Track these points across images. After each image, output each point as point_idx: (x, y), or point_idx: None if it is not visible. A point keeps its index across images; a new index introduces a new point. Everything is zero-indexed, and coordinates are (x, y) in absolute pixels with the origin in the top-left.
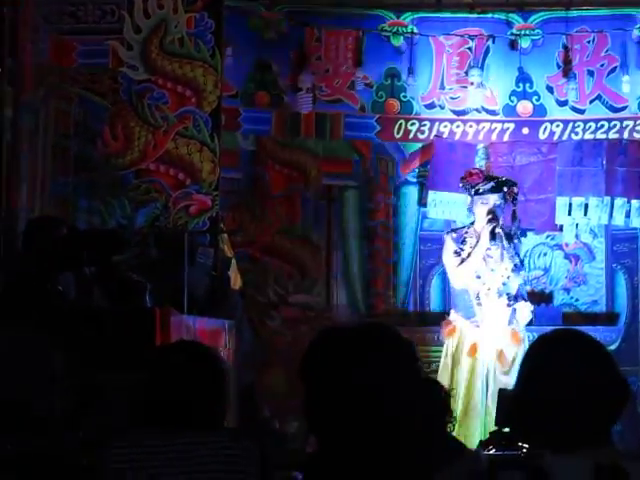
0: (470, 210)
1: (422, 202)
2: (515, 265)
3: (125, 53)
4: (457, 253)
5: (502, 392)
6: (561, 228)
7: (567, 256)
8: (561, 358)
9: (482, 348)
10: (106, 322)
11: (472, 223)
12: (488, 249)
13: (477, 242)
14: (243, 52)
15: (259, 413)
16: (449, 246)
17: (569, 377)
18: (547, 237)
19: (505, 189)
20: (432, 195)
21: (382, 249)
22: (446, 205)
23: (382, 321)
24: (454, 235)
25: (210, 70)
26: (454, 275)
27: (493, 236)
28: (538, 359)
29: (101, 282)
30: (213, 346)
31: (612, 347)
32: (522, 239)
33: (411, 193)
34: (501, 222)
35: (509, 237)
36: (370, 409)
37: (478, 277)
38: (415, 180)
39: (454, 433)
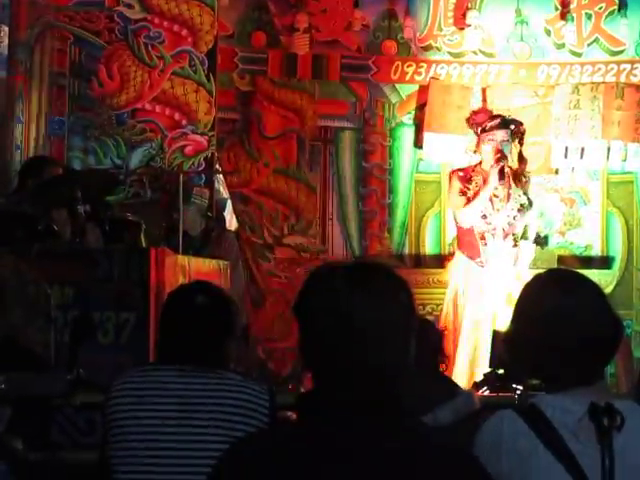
0: (475, 152)
1: (418, 144)
2: (522, 205)
3: None
4: (463, 193)
5: (496, 334)
6: (557, 171)
7: (563, 199)
8: (555, 298)
9: (488, 289)
10: (100, 261)
11: (480, 163)
12: (495, 188)
13: (484, 181)
14: None
15: (253, 354)
16: (455, 185)
17: (563, 317)
18: (543, 180)
19: (512, 127)
20: (428, 137)
21: (377, 191)
22: (442, 147)
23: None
24: (460, 174)
25: (206, 10)
26: (460, 215)
27: (502, 175)
28: (532, 299)
29: (96, 221)
30: None
31: (606, 290)
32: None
33: (407, 135)
34: (509, 160)
35: (516, 177)
36: (365, 345)
37: (484, 217)
38: (411, 122)
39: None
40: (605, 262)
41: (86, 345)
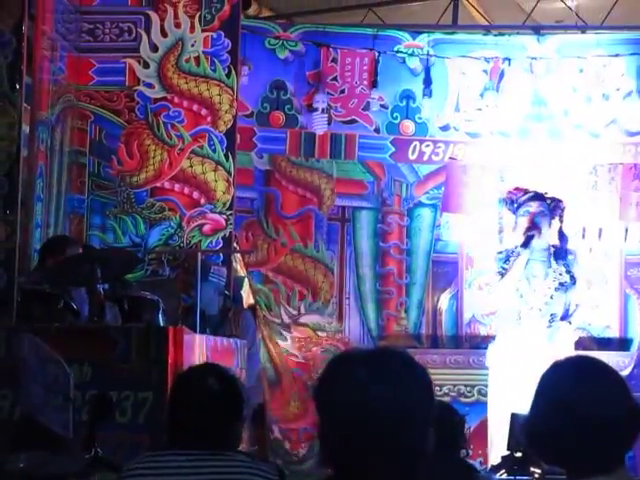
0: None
1: (436, 224)
2: (561, 284)
3: (142, 71)
4: (500, 273)
5: (514, 417)
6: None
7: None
8: (573, 384)
9: (519, 369)
10: (119, 340)
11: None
12: (532, 268)
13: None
14: (259, 72)
15: (269, 434)
16: (494, 267)
17: (580, 403)
18: None
19: (548, 201)
20: (446, 217)
21: (395, 270)
22: (460, 228)
23: (395, 345)
24: (500, 256)
25: (226, 89)
26: (496, 293)
27: (527, 244)
28: (551, 385)
29: (114, 300)
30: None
31: (624, 373)
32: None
33: (425, 215)
34: (543, 233)
35: (557, 255)
36: (387, 438)
37: (520, 296)
38: (429, 202)
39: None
40: (623, 344)
41: (104, 424)
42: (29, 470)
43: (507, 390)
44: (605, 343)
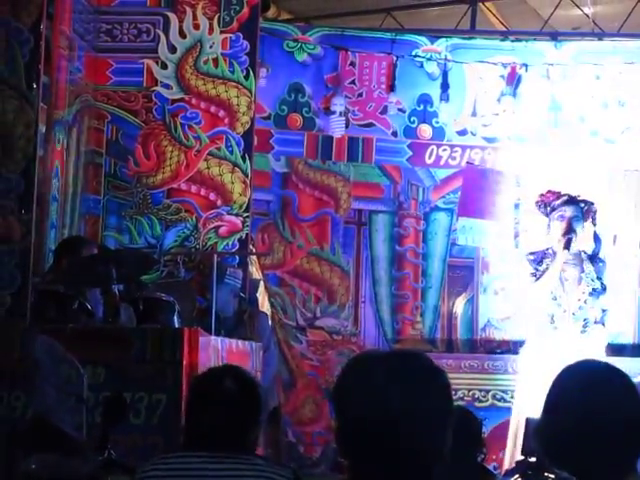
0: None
1: (452, 228)
2: (594, 289)
3: (160, 72)
4: (533, 274)
5: (528, 421)
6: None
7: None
8: (585, 389)
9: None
10: (133, 341)
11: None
12: (564, 271)
13: (553, 260)
14: (277, 74)
15: (284, 437)
16: (527, 268)
17: (592, 409)
18: None
19: (582, 205)
20: (462, 222)
21: (410, 274)
22: (476, 232)
23: (414, 348)
24: (532, 257)
25: (244, 91)
26: (530, 295)
27: (568, 246)
28: (562, 390)
29: (129, 301)
30: None
31: (638, 379)
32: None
33: (441, 219)
34: (579, 237)
35: (591, 259)
36: (403, 438)
37: (554, 299)
38: (445, 206)
39: None
40: (636, 350)
41: (117, 426)
42: (41, 472)
43: (537, 395)
44: (619, 349)
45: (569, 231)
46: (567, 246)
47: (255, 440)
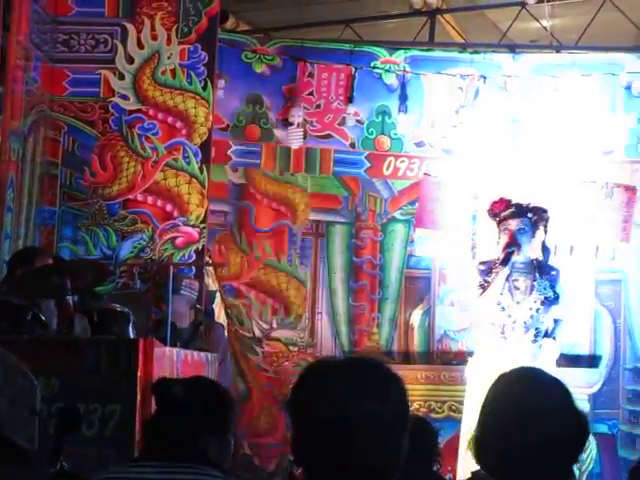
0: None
1: (409, 240)
2: (546, 298)
3: (117, 83)
4: (481, 285)
5: None
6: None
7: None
8: (520, 397)
9: None
10: (88, 352)
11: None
12: (515, 280)
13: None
14: (235, 85)
15: (239, 449)
16: (475, 278)
17: (527, 416)
18: None
19: (530, 215)
20: (419, 233)
21: (367, 286)
22: (433, 244)
23: (370, 356)
24: (482, 267)
25: (201, 102)
26: (477, 307)
27: (506, 261)
28: (497, 398)
29: (84, 312)
30: None
31: (593, 390)
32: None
33: (398, 230)
34: (524, 248)
35: (543, 267)
36: (359, 444)
37: (503, 309)
38: (403, 218)
39: None
40: (592, 361)
41: (70, 438)
42: None
43: None
44: (574, 360)
45: (511, 244)
46: (506, 261)
47: (219, 452)
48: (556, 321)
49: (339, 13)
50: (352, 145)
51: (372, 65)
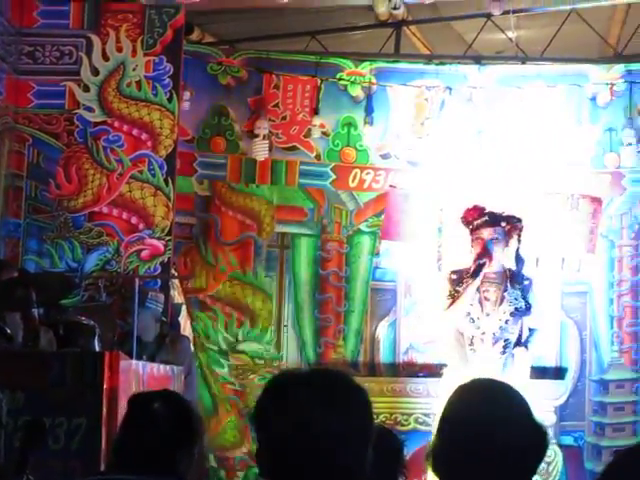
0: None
1: (375, 252)
2: (517, 309)
3: (82, 95)
4: (450, 295)
5: None
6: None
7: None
8: (476, 408)
9: None
10: (53, 365)
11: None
12: (485, 291)
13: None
14: (200, 97)
15: (206, 462)
16: (442, 290)
17: (484, 427)
18: None
19: (503, 224)
20: (385, 245)
21: (333, 298)
22: (399, 256)
23: (334, 368)
24: (454, 277)
25: (167, 114)
26: (445, 319)
27: (477, 273)
28: (456, 411)
29: (49, 325)
30: None
31: (559, 402)
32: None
33: (364, 242)
34: (496, 258)
35: (513, 279)
36: (323, 456)
37: (472, 321)
38: (368, 230)
39: None
40: (558, 373)
41: (36, 451)
42: None
43: None
44: (541, 371)
45: (482, 255)
46: (476, 273)
47: (186, 466)
48: (531, 330)
49: (305, 24)
50: (318, 157)
51: (338, 77)
